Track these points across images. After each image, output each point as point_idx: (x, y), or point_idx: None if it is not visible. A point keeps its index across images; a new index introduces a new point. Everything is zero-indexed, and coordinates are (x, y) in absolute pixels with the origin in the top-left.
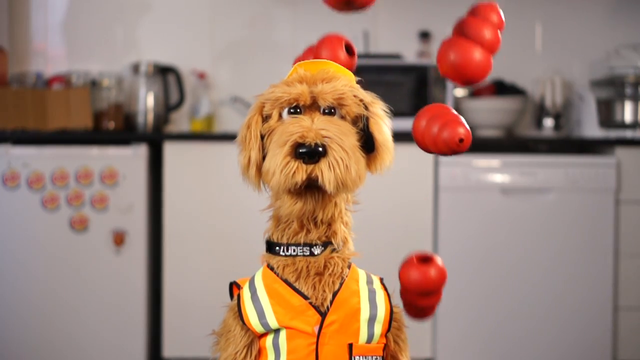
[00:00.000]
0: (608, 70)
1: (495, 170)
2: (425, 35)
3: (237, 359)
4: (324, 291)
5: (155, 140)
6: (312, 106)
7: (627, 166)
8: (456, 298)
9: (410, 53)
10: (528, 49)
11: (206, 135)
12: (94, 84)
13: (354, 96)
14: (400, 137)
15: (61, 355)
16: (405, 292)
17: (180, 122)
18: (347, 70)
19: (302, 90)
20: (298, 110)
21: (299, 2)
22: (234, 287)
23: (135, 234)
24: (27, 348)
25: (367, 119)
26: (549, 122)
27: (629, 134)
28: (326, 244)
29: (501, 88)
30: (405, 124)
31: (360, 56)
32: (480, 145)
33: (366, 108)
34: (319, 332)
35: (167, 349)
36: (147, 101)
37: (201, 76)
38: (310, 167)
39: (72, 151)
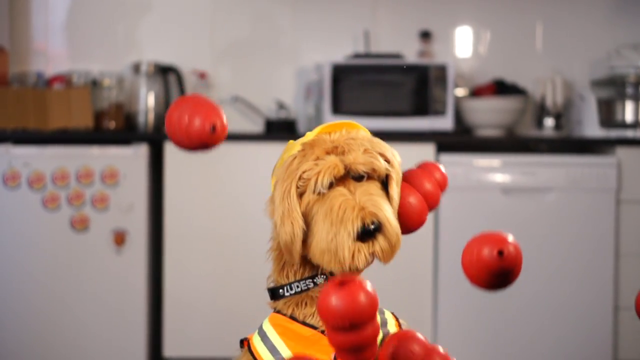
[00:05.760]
0: (609, 70)
1: (495, 170)
2: (425, 35)
3: None
4: None
5: (155, 140)
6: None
7: (627, 166)
8: (456, 298)
9: (410, 53)
10: (528, 49)
11: None
12: (94, 84)
13: (382, 158)
14: (400, 136)
15: (61, 356)
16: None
17: None
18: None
19: (336, 164)
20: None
21: (299, 2)
22: (244, 343)
23: (135, 234)
24: (27, 348)
25: (388, 177)
26: (549, 122)
27: (629, 133)
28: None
29: (502, 88)
30: (405, 123)
31: (360, 56)
32: (481, 145)
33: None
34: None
35: (167, 349)
36: (148, 101)
37: (202, 76)
38: (369, 246)
39: (72, 151)
